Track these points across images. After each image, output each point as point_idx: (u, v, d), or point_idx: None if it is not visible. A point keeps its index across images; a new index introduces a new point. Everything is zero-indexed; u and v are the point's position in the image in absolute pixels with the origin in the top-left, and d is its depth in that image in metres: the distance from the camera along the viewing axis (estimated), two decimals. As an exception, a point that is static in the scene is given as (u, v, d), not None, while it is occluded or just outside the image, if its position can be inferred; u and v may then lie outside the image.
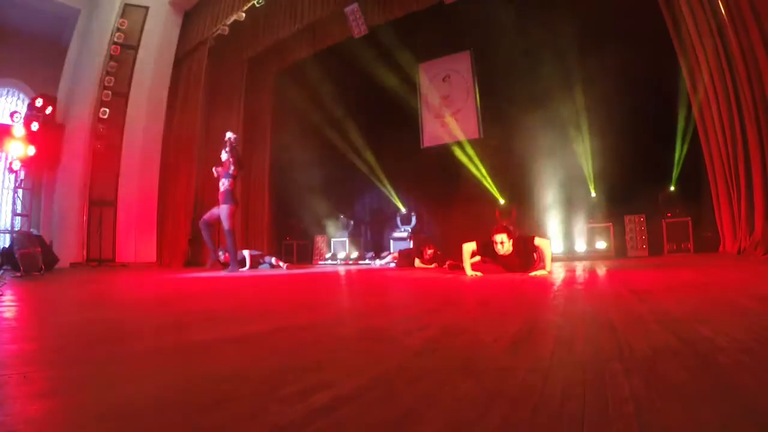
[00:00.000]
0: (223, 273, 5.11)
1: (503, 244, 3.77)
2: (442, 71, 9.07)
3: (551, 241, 3.80)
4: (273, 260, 6.97)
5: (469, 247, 3.91)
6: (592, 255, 6.56)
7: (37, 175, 8.45)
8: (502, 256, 3.85)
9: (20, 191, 8.19)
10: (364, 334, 1.34)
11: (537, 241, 3.75)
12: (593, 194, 7.05)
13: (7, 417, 0.63)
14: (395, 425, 0.60)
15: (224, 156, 5.39)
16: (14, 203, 8.12)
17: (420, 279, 3.90)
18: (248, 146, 9.75)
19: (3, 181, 8.72)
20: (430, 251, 5.96)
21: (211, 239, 5.60)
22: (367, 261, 8.59)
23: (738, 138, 4.84)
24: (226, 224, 5.25)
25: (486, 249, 3.91)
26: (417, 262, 6.04)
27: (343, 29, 8.45)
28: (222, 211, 5.27)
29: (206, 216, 5.53)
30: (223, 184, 5.32)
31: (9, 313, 2.03)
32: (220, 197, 5.37)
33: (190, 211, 8.67)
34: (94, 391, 0.79)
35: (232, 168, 5.35)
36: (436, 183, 8.62)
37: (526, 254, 3.84)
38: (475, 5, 7.57)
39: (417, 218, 8.67)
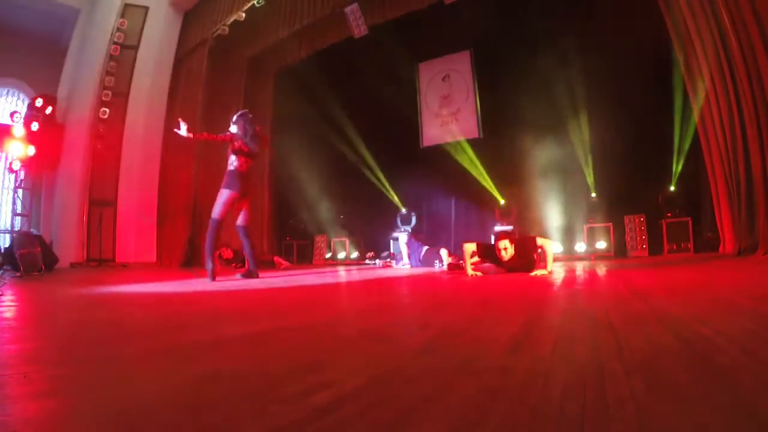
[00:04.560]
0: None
1: (506, 250, 3.80)
2: (442, 70, 9.06)
3: (552, 240, 3.80)
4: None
5: (469, 248, 3.93)
6: (592, 255, 6.56)
7: (37, 175, 8.45)
8: (506, 261, 3.87)
9: (20, 191, 8.18)
10: (364, 333, 1.34)
11: (540, 241, 3.76)
12: (593, 194, 7.04)
13: (7, 417, 0.63)
14: (395, 425, 0.60)
15: (234, 129, 4.22)
16: (14, 203, 8.11)
17: (419, 279, 3.90)
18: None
19: (3, 181, 8.72)
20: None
21: (250, 245, 4.35)
22: (367, 261, 8.58)
23: (738, 138, 4.84)
24: (216, 212, 4.09)
25: (487, 253, 3.94)
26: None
27: (343, 29, 8.45)
28: (220, 195, 4.13)
29: (239, 220, 4.29)
30: (232, 163, 4.18)
31: (9, 313, 2.03)
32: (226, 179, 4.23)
33: (190, 211, 8.66)
34: (95, 391, 0.79)
35: (243, 144, 4.16)
36: (436, 183, 8.61)
37: (527, 255, 3.85)
38: (475, 5, 7.57)
39: (417, 218, 8.67)
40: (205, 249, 4.12)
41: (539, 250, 3.81)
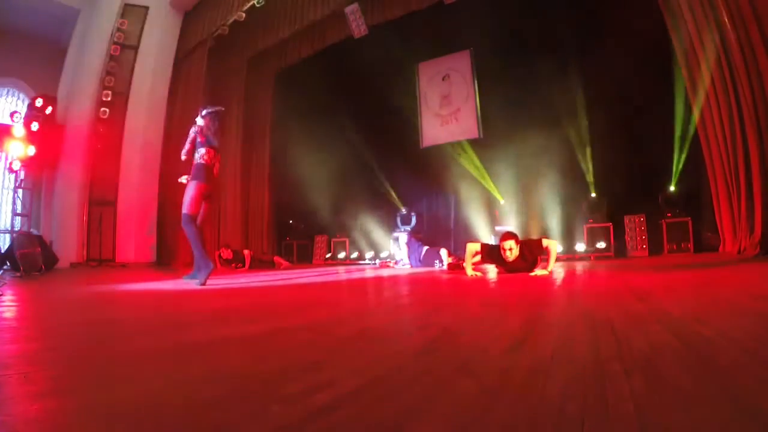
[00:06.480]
0: (192, 282, 3.70)
1: (512, 250, 3.75)
2: (442, 70, 9.06)
3: (556, 241, 3.80)
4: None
5: (472, 248, 3.92)
6: (592, 255, 6.56)
7: (37, 175, 8.44)
8: (510, 261, 3.84)
9: (20, 191, 8.18)
10: (364, 333, 1.34)
11: (545, 242, 3.77)
12: (593, 194, 7.05)
13: (8, 417, 0.63)
14: (395, 425, 0.60)
15: (200, 122, 3.93)
16: (14, 203, 8.11)
17: (419, 279, 3.90)
18: (248, 146, 9.75)
19: (3, 181, 8.72)
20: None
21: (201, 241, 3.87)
22: (367, 261, 8.58)
23: (738, 138, 4.84)
24: (185, 206, 3.73)
25: (491, 254, 3.92)
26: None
27: (343, 29, 8.45)
28: (187, 189, 3.78)
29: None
30: (202, 156, 3.85)
31: (9, 313, 2.03)
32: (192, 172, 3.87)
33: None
34: (95, 391, 0.79)
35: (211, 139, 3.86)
36: (436, 183, 8.61)
37: (531, 256, 3.85)
38: (475, 5, 7.57)
39: (417, 218, 8.67)
40: (193, 250, 3.71)
41: (544, 250, 3.81)
